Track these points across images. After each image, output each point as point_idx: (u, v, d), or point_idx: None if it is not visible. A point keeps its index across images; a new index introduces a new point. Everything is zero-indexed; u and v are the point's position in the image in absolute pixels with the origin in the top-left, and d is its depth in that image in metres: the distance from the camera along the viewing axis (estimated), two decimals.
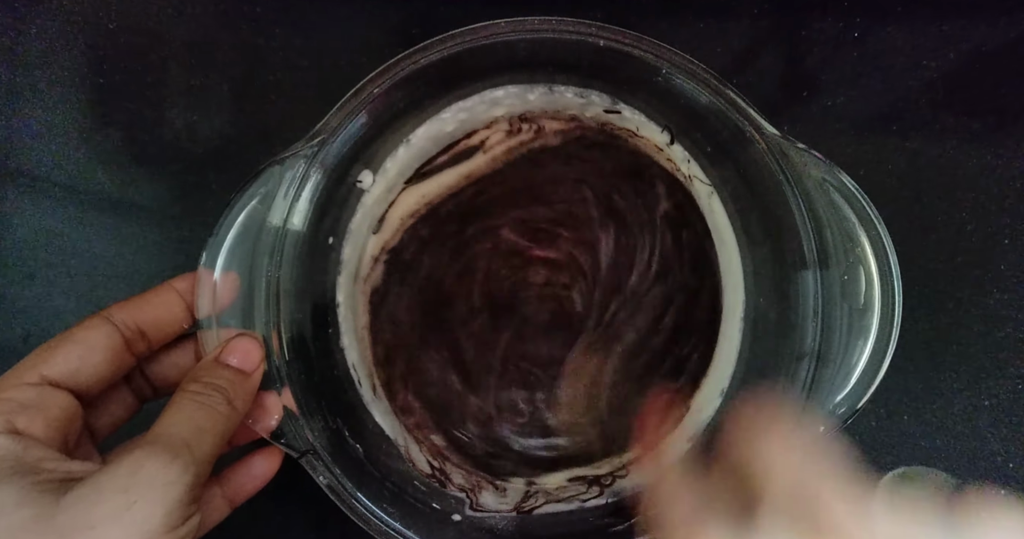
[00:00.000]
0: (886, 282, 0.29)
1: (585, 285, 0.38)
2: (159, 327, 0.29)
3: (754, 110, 0.31)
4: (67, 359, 0.26)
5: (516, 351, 0.38)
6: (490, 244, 0.38)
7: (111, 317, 0.28)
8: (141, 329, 0.28)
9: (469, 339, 0.38)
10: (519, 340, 0.38)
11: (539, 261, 0.38)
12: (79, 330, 0.27)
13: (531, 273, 0.38)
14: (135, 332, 0.28)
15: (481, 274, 0.38)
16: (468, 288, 0.38)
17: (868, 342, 0.29)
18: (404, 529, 0.30)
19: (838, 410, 0.29)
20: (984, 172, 0.39)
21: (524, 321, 0.38)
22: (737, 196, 0.35)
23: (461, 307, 0.38)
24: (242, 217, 0.29)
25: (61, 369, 0.26)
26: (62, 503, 0.22)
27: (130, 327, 0.28)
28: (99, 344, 0.27)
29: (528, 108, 0.36)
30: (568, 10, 0.32)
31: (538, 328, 0.38)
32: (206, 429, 0.25)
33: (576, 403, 0.37)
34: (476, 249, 0.38)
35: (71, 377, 0.26)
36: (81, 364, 0.26)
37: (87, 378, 0.27)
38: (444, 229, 0.38)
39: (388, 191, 0.37)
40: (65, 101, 0.40)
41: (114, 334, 0.27)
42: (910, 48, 0.40)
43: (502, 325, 0.38)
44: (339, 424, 0.33)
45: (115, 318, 0.28)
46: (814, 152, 0.30)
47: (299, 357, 0.31)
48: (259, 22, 0.40)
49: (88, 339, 0.27)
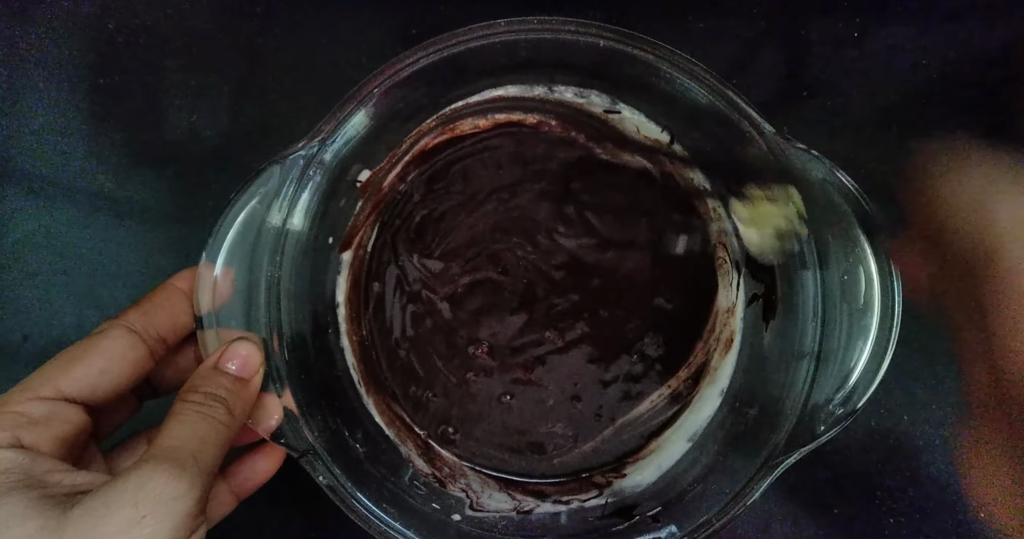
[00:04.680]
0: (886, 282, 0.29)
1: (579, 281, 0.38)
2: (175, 331, 0.29)
3: (754, 110, 0.31)
4: (88, 373, 0.26)
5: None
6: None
7: (132, 326, 0.28)
8: (162, 335, 0.28)
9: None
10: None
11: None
12: (101, 340, 0.27)
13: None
14: (157, 340, 0.28)
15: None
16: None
17: (868, 342, 0.29)
18: (404, 529, 0.30)
19: (838, 410, 0.29)
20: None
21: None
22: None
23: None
24: (242, 217, 0.29)
25: (81, 384, 0.26)
26: (70, 516, 0.22)
27: (152, 336, 0.28)
28: (123, 356, 0.27)
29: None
30: (568, 10, 0.32)
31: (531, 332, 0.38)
32: (209, 440, 0.25)
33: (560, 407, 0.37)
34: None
35: (89, 391, 0.26)
36: (101, 378, 0.26)
37: (105, 392, 0.27)
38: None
39: None
40: (65, 101, 0.40)
41: (139, 345, 0.27)
42: (910, 48, 0.40)
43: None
44: (339, 424, 0.33)
45: (137, 327, 0.28)
46: (814, 152, 0.30)
47: (299, 357, 0.31)
48: (259, 22, 0.40)
49: (111, 350, 0.27)
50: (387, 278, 0.38)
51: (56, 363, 0.26)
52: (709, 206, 0.37)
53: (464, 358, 0.37)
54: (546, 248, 0.38)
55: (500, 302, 0.38)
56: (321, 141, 0.31)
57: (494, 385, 0.37)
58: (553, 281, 0.37)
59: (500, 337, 0.37)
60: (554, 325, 0.37)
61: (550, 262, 0.38)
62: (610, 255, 0.38)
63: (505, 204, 0.38)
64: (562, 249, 0.38)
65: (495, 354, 0.37)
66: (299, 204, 0.31)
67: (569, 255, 0.38)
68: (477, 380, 0.37)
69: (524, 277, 0.38)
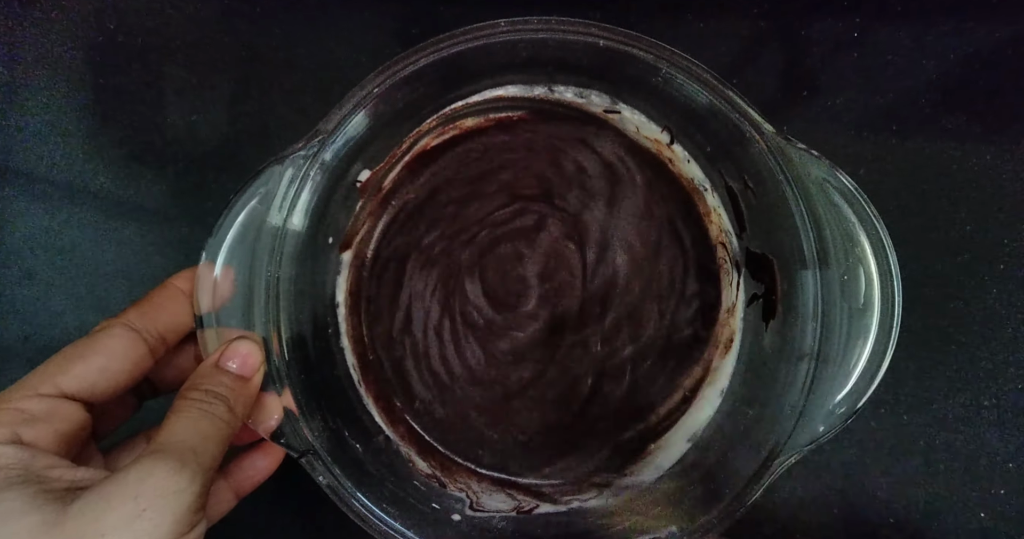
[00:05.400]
0: (886, 282, 0.29)
1: (581, 281, 0.38)
2: (175, 330, 0.29)
3: (754, 110, 0.31)
4: (87, 370, 0.26)
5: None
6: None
7: (133, 324, 0.28)
8: (162, 334, 0.28)
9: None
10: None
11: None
12: (103, 338, 0.27)
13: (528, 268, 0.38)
14: (157, 338, 0.28)
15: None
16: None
17: (868, 342, 0.29)
18: (404, 529, 0.30)
19: (838, 410, 0.29)
20: (984, 172, 0.39)
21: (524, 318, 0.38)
22: (736, 196, 0.35)
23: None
24: (242, 217, 0.29)
25: (80, 381, 0.26)
26: (70, 511, 0.22)
27: (152, 334, 0.28)
28: (124, 354, 0.27)
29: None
30: (568, 10, 0.32)
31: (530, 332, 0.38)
32: (210, 437, 0.25)
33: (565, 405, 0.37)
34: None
35: (88, 389, 0.26)
36: (101, 376, 0.26)
37: (104, 390, 0.27)
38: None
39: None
40: (65, 101, 0.40)
41: (139, 343, 0.27)
42: (910, 48, 0.40)
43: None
44: (339, 424, 0.33)
45: (138, 326, 0.28)
46: (814, 152, 0.30)
47: (299, 357, 0.31)
48: (259, 22, 0.40)
49: (112, 349, 0.27)
50: (387, 278, 0.38)
51: (56, 361, 0.26)
52: (709, 206, 0.37)
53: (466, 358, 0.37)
54: (548, 250, 0.38)
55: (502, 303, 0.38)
56: (321, 141, 0.31)
57: (496, 386, 0.37)
58: (561, 285, 0.38)
59: (503, 338, 0.38)
60: (562, 326, 0.37)
61: (556, 264, 0.38)
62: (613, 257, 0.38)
63: (506, 206, 0.38)
64: (566, 248, 0.38)
65: (497, 355, 0.37)
66: (299, 204, 0.31)
67: (572, 255, 0.38)
68: (480, 379, 0.37)
69: (526, 278, 0.38)
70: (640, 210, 0.38)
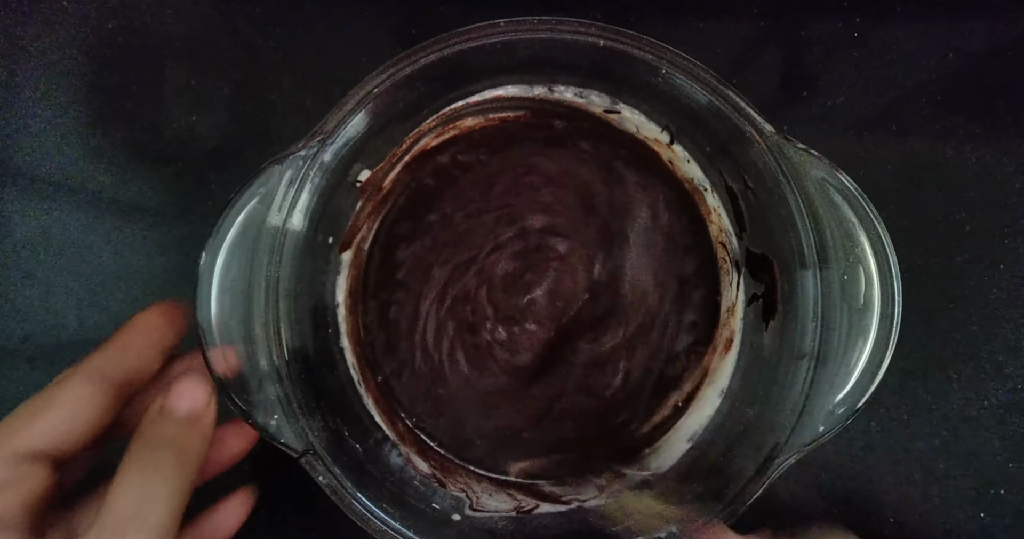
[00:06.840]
0: (886, 282, 0.29)
1: (581, 281, 0.38)
2: (142, 371, 0.28)
3: (754, 110, 0.31)
4: (53, 427, 0.25)
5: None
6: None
7: (95, 375, 0.26)
8: (129, 378, 0.27)
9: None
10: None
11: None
12: (62, 392, 0.26)
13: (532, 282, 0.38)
14: (123, 383, 0.27)
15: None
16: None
17: (868, 342, 0.29)
18: (404, 529, 0.30)
19: (838, 410, 0.29)
20: (984, 172, 0.39)
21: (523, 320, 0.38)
22: (736, 196, 0.35)
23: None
24: (242, 217, 0.29)
25: (46, 439, 0.25)
26: None
27: (117, 381, 0.27)
28: (88, 406, 0.26)
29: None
30: (568, 10, 0.32)
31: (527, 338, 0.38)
32: (156, 496, 0.24)
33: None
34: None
35: (54, 446, 0.25)
36: (65, 431, 0.25)
37: (71, 445, 0.25)
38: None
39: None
40: (65, 101, 0.40)
41: (100, 393, 0.26)
42: (910, 48, 0.40)
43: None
44: (339, 424, 0.33)
45: (101, 375, 0.26)
46: (814, 152, 0.30)
47: (299, 357, 0.31)
48: (259, 22, 0.40)
49: (75, 402, 0.26)
50: (388, 279, 0.38)
51: (13, 419, 0.25)
52: (709, 206, 0.37)
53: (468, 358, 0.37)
54: (548, 250, 0.38)
55: (504, 303, 0.38)
56: (321, 141, 0.30)
57: (496, 386, 0.37)
58: (562, 285, 0.38)
59: (504, 337, 0.38)
60: (563, 326, 0.37)
61: (557, 265, 0.38)
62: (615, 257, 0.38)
63: (508, 207, 0.38)
64: (569, 247, 0.38)
65: (497, 354, 0.37)
66: (299, 204, 0.31)
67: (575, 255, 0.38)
68: (480, 380, 0.37)
69: (528, 277, 0.38)
70: (640, 211, 0.38)
